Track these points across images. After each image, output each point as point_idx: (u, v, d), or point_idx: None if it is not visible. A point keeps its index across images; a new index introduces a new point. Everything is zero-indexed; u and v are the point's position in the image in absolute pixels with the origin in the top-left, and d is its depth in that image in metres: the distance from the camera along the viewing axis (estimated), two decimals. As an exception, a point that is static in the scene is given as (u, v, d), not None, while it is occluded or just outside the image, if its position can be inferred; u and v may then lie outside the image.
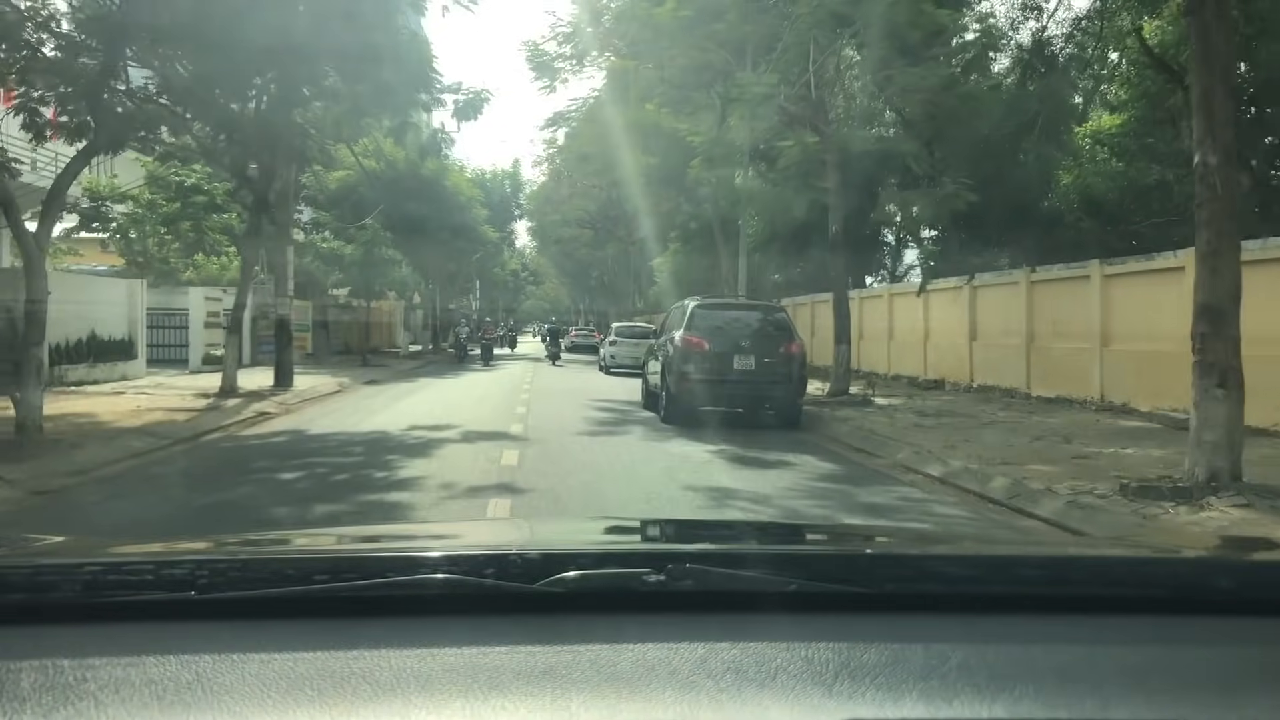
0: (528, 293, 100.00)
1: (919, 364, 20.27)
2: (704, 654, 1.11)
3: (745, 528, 2.52)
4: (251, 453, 10.27)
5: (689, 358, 12.78)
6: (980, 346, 17.95)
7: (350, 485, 8.07)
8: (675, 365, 12.91)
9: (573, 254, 57.75)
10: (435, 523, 6.12)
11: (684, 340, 12.90)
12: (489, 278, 71.09)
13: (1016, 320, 16.50)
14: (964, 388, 18.13)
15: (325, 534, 2.91)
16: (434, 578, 1.25)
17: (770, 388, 12.72)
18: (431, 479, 8.21)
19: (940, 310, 19.63)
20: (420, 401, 16.95)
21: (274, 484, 8.28)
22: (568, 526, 3.16)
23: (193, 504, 7.60)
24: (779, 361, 12.79)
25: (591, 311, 70.95)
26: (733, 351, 12.72)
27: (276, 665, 1.08)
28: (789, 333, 13.17)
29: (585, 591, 1.23)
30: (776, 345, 12.88)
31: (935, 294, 19.63)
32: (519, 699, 1.03)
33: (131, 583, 1.26)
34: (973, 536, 3.46)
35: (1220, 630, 1.27)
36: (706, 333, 12.89)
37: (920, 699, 1.05)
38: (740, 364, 12.69)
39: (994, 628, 1.24)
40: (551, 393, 19.41)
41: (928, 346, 20.06)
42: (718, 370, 12.67)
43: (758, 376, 12.68)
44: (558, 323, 67.86)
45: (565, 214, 49.51)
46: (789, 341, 12.98)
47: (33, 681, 1.04)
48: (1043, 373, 15.60)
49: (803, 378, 13.04)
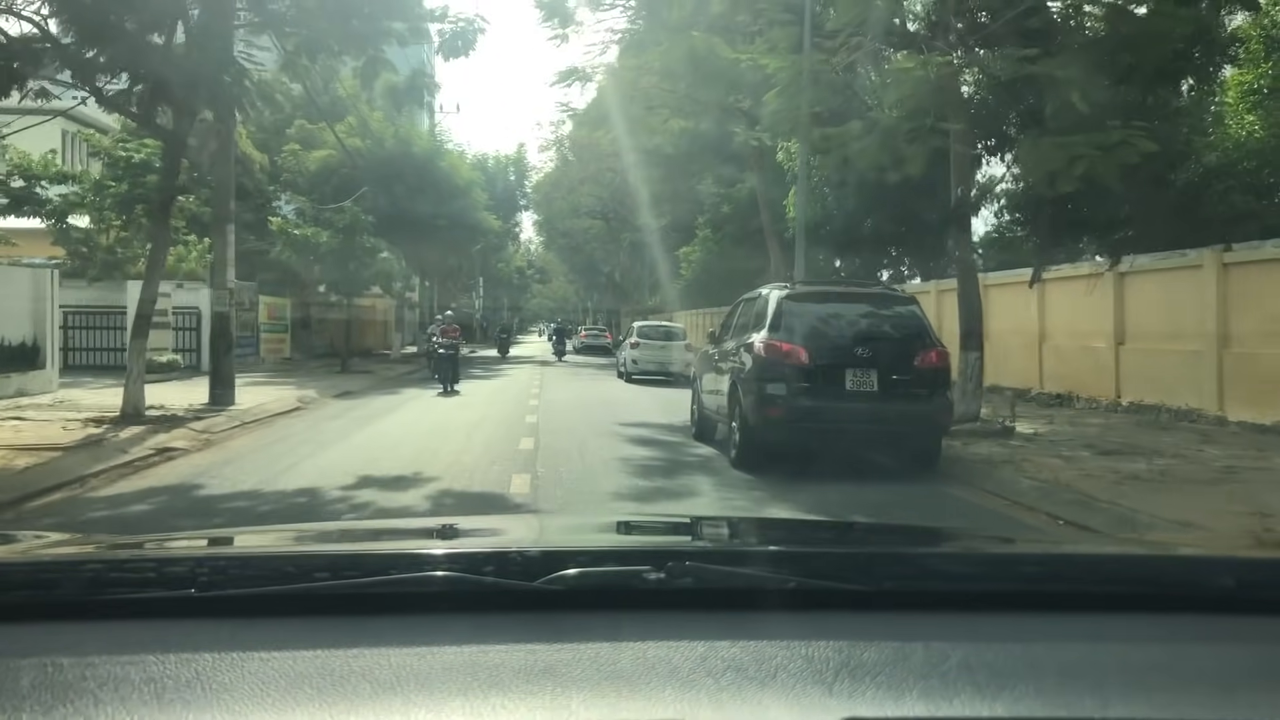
0: (534, 291, 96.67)
1: (1030, 372, 15.96)
2: (704, 652, 1.10)
3: (745, 525, 2.42)
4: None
5: (776, 373, 8.57)
6: (1132, 352, 13.62)
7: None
8: (754, 384, 8.71)
9: (581, 248, 53.21)
10: (436, 518, 5.78)
11: (767, 347, 8.68)
12: (493, 274, 66.69)
13: (1196, 317, 12.20)
14: (1106, 405, 13.83)
15: (327, 529, 2.74)
16: (434, 575, 1.24)
17: (903, 417, 8.51)
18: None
19: (1063, 304, 15.32)
20: (393, 427, 12.74)
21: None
22: (568, 524, 3.15)
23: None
24: (914, 378, 8.58)
25: (600, 310, 67.08)
26: (844, 363, 8.51)
27: (277, 663, 1.07)
28: (925, 334, 8.94)
29: (585, 589, 1.22)
30: (909, 352, 8.66)
31: (1056, 284, 15.33)
32: (519, 697, 1.02)
33: (132, 580, 1.27)
34: (973, 534, 2.99)
35: (1220, 628, 1.25)
36: (803, 336, 8.67)
37: (920, 697, 1.04)
38: (856, 381, 8.46)
39: (994, 626, 1.23)
40: (565, 412, 15.14)
41: (1044, 350, 15.75)
42: (822, 392, 8.46)
43: (883, 400, 8.47)
44: (564, 322, 64.50)
45: (574, 202, 45.35)
46: (927, 347, 8.74)
47: (33, 679, 1.04)
48: (1247, 390, 11.28)
49: (949, 403, 8.79)
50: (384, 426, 12.77)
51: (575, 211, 46.21)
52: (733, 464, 9.19)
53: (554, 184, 46.81)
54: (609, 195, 40.86)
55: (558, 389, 20.89)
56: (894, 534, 2.43)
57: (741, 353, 9.21)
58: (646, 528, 2.29)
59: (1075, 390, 14.71)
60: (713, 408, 10.54)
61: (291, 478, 8.52)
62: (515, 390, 19.96)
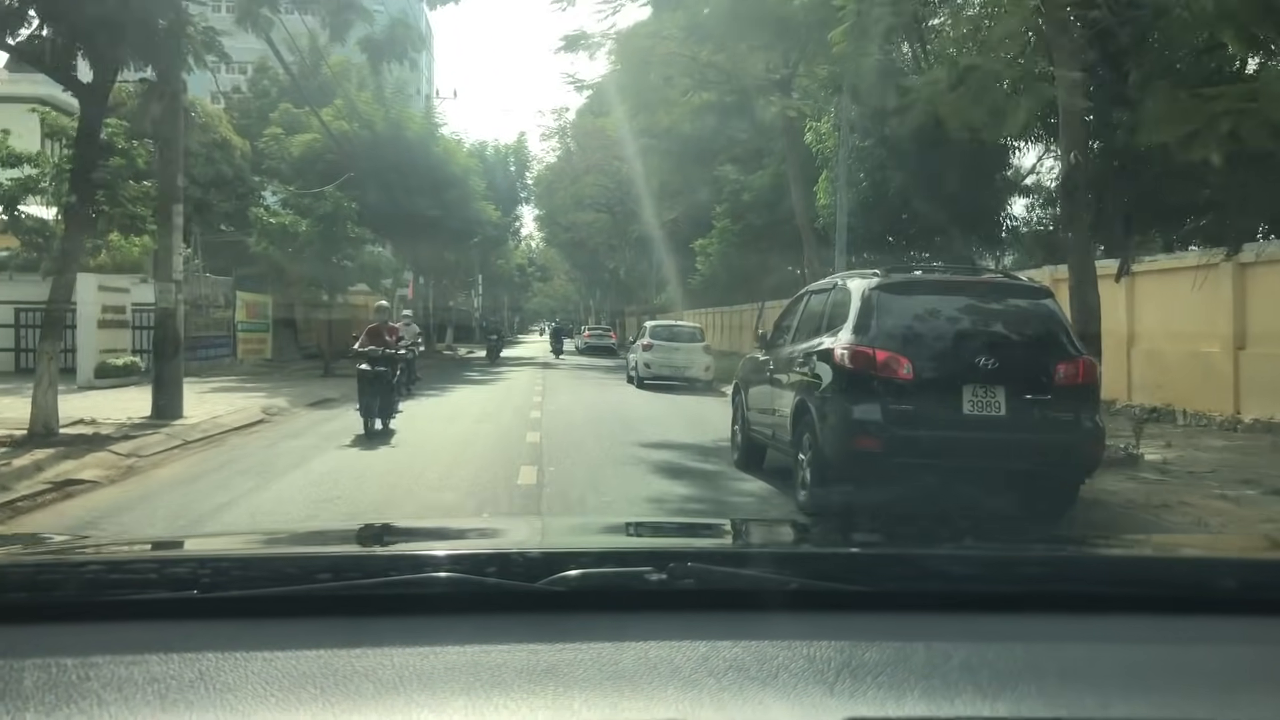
0: (534, 289, 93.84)
1: (1115, 382, 13.65)
2: (706, 652, 1.10)
3: (747, 526, 2.35)
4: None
5: (867, 391, 6.33)
6: (1257, 358, 11.33)
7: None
8: (834, 406, 6.46)
9: (585, 243, 50.25)
10: (439, 519, 5.38)
11: (853, 355, 6.41)
12: (492, 272, 64.33)
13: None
14: (1222, 422, 11.57)
15: (329, 530, 2.58)
16: (437, 576, 1.25)
17: (1040, 450, 6.28)
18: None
19: (1160, 302, 13.06)
20: (364, 450, 10.46)
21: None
22: (571, 525, 3.16)
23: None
24: (1055, 397, 6.34)
25: (603, 310, 64.60)
26: (960, 378, 6.25)
27: (279, 664, 1.07)
28: (1064, 337, 6.65)
29: (587, 590, 1.22)
30: (1047, 363, 6.40)
31: (1150, 277, 13.06)
32: (521, 697, 1.02)
33: (135, 581, 1.27)
34: (974, 535, 2.81)
35: (1221, 629, 1.25)
36: (902, 340, 6.41)
37: (922, 698, 1.04)
38: (977, 402, 6.20)
39: (995, 626, 1.23)
40: (574, 428, 12.85)
41: (1133, 356, 13.48)
42: (931, 417, 6.21)
43: (1013, 428, 6.22)
44: (563, 322, 64.30)
45: (578, 194, 42.34)
46: (1070, 356, 6.48)
47: (36, 680, 1.03)
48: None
49: (1100, 431, 6.48)
50: (355, 448, 10.49)
51: (579, 204, 43.16)
52: (801, 508, 6.93)
53: (556, 175, 43.90)
54: (615, 186, 38.23)
55: (561, 396, 18.57)
56: (895, 535, 2.29)
57: (813, 362, 6.94)
58: (648, 529, 2.26)
59: (1176, 403, 12.45)
60: (765, 431, 8.28)
61: (212, 528, 6.27)
62: (514, 403, 17.54)
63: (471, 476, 8.54)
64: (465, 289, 65.69)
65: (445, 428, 12.56)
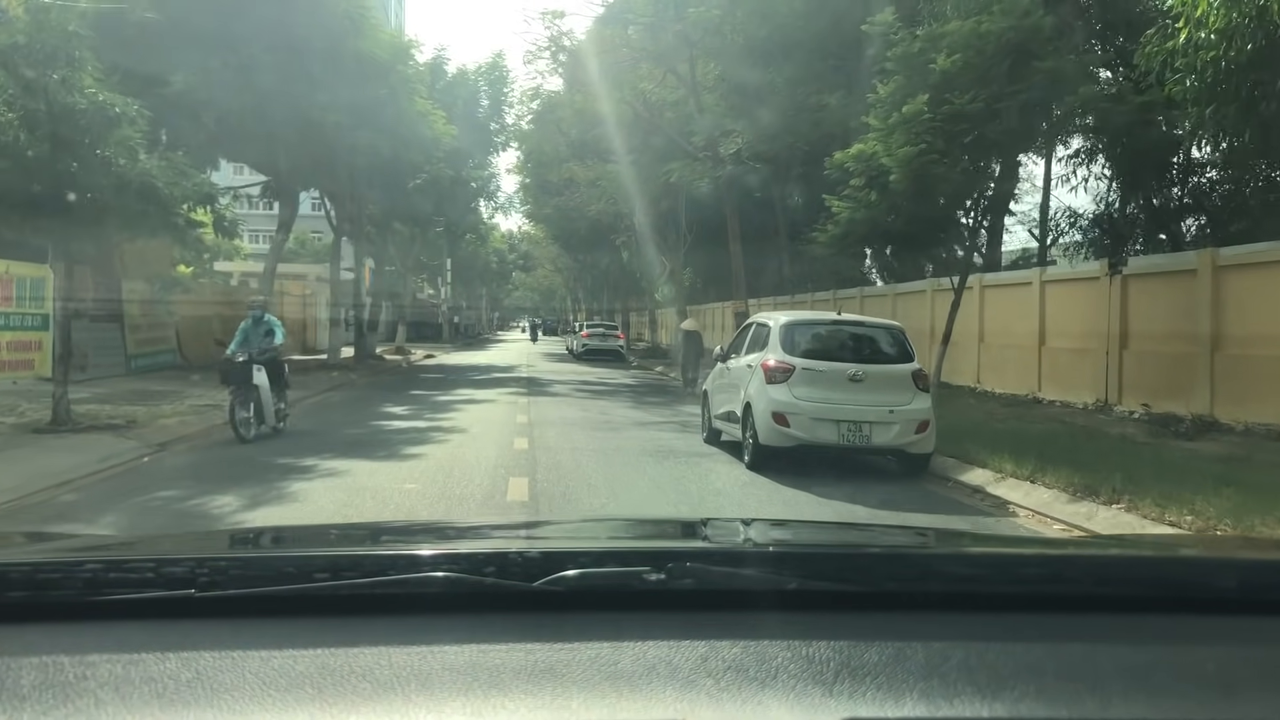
0: (515, 280, 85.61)
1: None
2: (704, 652, 1.11)
3: (745, 526, 2.28)
4: None
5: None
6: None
7: None
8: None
9: (576, 216, 34.29)
10: (436, 520, 5.78)
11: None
12: (462, 259, 54.89)
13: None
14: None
15: (326, 530, 2.71)
16: (434, 576, 1.25)
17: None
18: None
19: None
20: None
21: None
22: (569, 525, 3.25)
23: None
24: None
25: (596, 307, 56.58)
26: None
27: (277, 663, 1.07)
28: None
29: (586, 590, 1.23)
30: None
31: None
32: (519, 697, 1.03)
33: (132, 581, 1.26)
34: (973, 535, 3.34)
35: (1221, 629, 1.26)
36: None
37: (921, 698, 1.05)
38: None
39: (995, 627, 1.23)
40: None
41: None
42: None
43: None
44: (543, 319, 66.04)
45: (580, 138, 28.32)
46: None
47: (33, 679, 1.04)
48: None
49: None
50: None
51: (578, 152, 29.17)
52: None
53: (548, 107, 29.59)
54: (632, 118, 24.05)
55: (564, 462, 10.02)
56: (895, 535, 2.51)
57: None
58: (647, 529, 2.35)
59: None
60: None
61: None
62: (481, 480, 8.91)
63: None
64: (427, 274, 57.65)
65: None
